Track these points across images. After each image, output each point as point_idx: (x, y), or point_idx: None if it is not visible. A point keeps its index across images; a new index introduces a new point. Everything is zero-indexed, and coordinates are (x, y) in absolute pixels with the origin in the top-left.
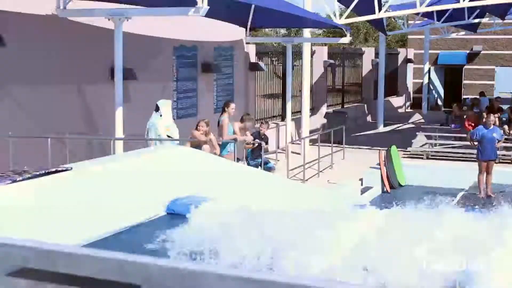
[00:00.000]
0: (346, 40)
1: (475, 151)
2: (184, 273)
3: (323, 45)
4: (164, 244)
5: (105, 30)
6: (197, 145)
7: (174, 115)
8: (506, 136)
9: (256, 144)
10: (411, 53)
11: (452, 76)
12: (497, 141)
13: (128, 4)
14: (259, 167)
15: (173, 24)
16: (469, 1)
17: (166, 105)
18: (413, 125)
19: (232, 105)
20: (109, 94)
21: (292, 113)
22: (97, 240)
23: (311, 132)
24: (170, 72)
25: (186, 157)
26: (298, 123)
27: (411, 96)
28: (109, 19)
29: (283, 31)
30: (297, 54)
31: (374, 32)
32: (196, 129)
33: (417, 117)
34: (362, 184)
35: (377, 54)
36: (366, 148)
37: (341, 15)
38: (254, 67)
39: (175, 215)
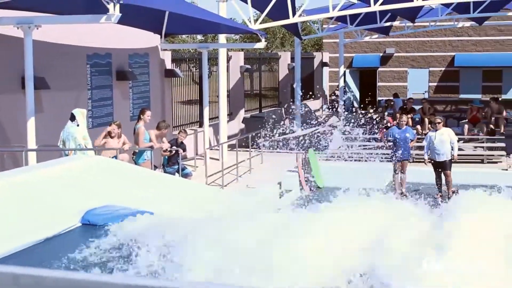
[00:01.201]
0: (261, 45)
1: (390, 151)
2: (79, 285)
3: (239, 50)
4: (79, 254)
5: (15, 38)
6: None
7: (89, 124)
8: (418, 136)
9: (174, 151)
10: (326, 56)
11: (367, 78)
12: (410, 141)
13: (38, 12)
14: (177, 174)
15: (86, 32)
16: (379, 5)
17: (81, 114)
18: (330, 128)
19: (148, 113)
20: (21, 104)
21: (209, 119)
22: (12, 253)
23: (229, 137)
24: (84, 80)
25: (102, 167)
26: (216, 128)
27: (328, 99)
28: (18, 28)
29: (199, 37)
30: (214, 59)
31: (290, 36)
32: (109, 133)
33: (334, 120)
34: (280, 188)
35: (293, 59)
36: (284, 152)
37: (257, 20)
38: (170, 73)
39: (90, 226)
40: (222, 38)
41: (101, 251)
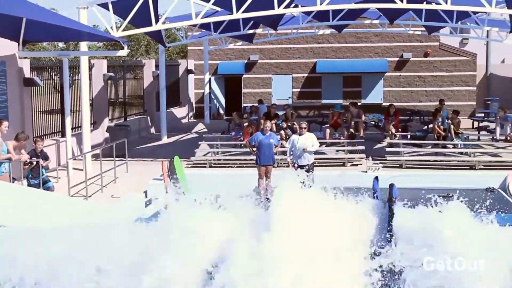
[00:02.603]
0: (123, 52)
1: (255, 157)
2: None
3: (103, 58)
4: None
5: None
6: None
7: None
8: (283, 141)
9: (34, 163)
10: (191, 64)
11: (232, 85)
12: (274, 146)
13: None
14: (39, 186)
15: None
16: (242, 13)
17: None
18: (196, 135)
19: (5, 123)
20: None
21: (72, 128)
22: None
23: (93, 147)
24: None
25: None
26: (79, 138)
27: (194, 106)
28: None
29: (61, 44)
30: (76, 68)
31: (154, 44)
32: None
33: (200, 127)
34: (146, 196)
35: (157, 66)
36: (150, 160)
37: (120, 27)
38: (29, 82)
39: None
40: (83, 45)
41: None
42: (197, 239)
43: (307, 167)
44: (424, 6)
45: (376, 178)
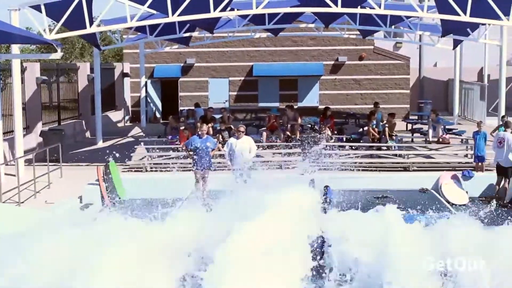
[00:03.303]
0: (57, 55)
1: (191, 161)
2: None
3: (36, 61)
4: None
5: None
6: None
7: None
8: (219, 145)
9: None
10: (127, 67)
11: (168, 88)
12: (211, 150)
13: None
14: None
15: None
16: (177, 16)
17: None
18: (132, 139)
19: None
20: None
21: (4, 133)
22: None
23: (26, 152)
24: None
25: None
26: (11, 143)
27: (130, 110)
28: None
29: None
30: (8, 71)
31: (90, 47)
32: None
33: (136, 131)
34: (81, 202)
35: (92, 69)
36: (85, 165)
37: (53, 30)
38: None
39: None
40: (15, 48)
41: None
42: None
43: (244, 170)
44: (358, 10)
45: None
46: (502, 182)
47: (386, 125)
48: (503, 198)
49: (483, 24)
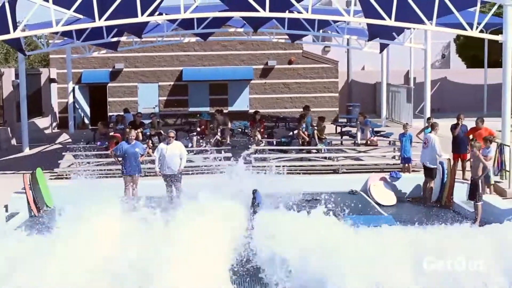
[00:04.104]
0: None
1: (121, 167)
2: None
3: None
4: None
5: None
6: None
7: None
8: (149, 150)
9: None
10: (54, 72)
11: (97, 94)
12: (140, 155)
13: None
14: None
15: None
16: (104, 21)
17: None
18: (60, 146)
19: None
20: None
21: None
22: None
23: None
24: None
25: None
26: None
27: (58, 116)
28: None
29: None
30: None
31: (14, 52)
32: None
33: (64, 137)
34: (7, 211)
35: (17, 75)
36: (11, 173)
37: None
38: None
39: None
40: None
41: None
42: None
43: (174, 176)
44: (286, 14)
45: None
46: (429, 183)
47: (316, 128)
48: (430, 198)
49: (408, 28)
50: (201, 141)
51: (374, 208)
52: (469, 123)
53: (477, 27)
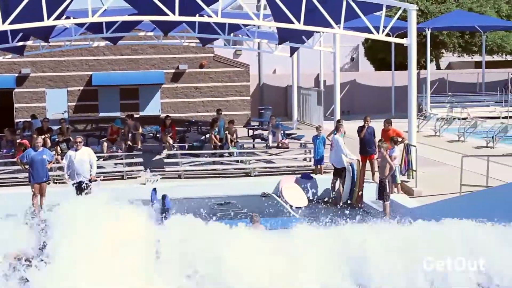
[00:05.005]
0: None
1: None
2: None
3: None
4: None
5: None
6: None
7: None
8: (58, 157)
9: None
10: None
11: (2, 100)
12: (47, 162)
13: None
14: None
15: None
16: (9, 24)
17: None
18: None
19: None
20: None
21: None
22: None
23: None
24: None
25: None
26: None
27: None
28: None
29: None
30: None
31: None
32: None
33: None
34: None
35: None
36: None
37: None
38: None
39: None
40: None
41: None
42: None
43: (84, 183)
44: (196, 18)
45: (154, 189)
46: (338, 183)
47: (227, 131)
48: (340, 199)
49: (317, 32)
50: (112, 146)
51: (286, 210)
52: (378, 124)
53: (383, 31)
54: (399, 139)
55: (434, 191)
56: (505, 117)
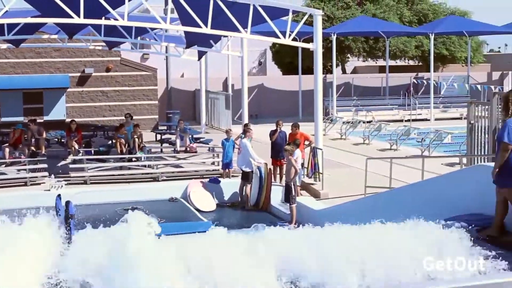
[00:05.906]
0: None
1: None
2: None
3: None
4: None
5: None
6: None
7: None
8: None
9: None
10: None
11: None
12: None
13: None
14: None
15: None
16: None
17: None
18: None
19: None
20: None
21: None
22: None
23: None
24: None
25: None
26: None
27: None
28: None
29: None
30: None
31: None
32: None
33: None
34: None
35: None
36: None
37: None
38: None
39: None
40: None
41: None
42: None
43: None
44: (102, 21)
45: (59, 196)
46: (246, 187)
47: (135, 136)
48: (247, 202)
49: (224, 36)
50: (14, 152)
51: (194, 214)
52: (286, 128)
53: (290, 35)
54: (299, 142)
55: (340, 193)
56: (408, 120)
